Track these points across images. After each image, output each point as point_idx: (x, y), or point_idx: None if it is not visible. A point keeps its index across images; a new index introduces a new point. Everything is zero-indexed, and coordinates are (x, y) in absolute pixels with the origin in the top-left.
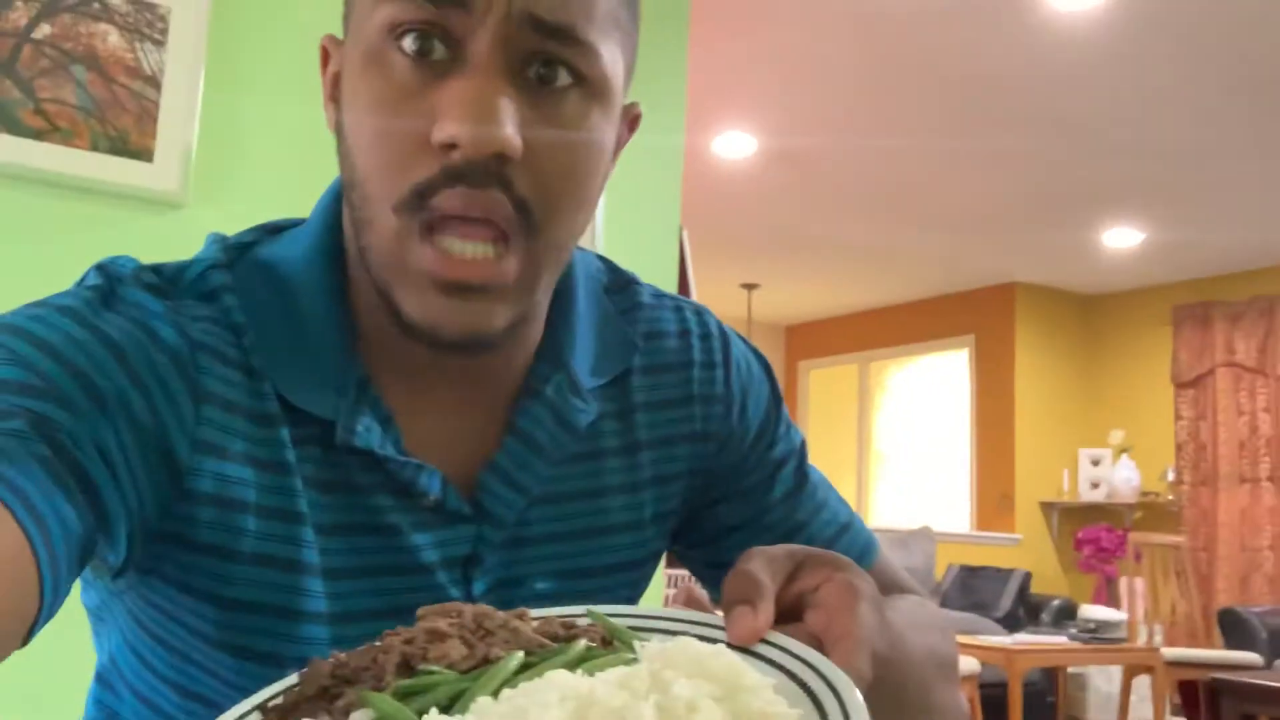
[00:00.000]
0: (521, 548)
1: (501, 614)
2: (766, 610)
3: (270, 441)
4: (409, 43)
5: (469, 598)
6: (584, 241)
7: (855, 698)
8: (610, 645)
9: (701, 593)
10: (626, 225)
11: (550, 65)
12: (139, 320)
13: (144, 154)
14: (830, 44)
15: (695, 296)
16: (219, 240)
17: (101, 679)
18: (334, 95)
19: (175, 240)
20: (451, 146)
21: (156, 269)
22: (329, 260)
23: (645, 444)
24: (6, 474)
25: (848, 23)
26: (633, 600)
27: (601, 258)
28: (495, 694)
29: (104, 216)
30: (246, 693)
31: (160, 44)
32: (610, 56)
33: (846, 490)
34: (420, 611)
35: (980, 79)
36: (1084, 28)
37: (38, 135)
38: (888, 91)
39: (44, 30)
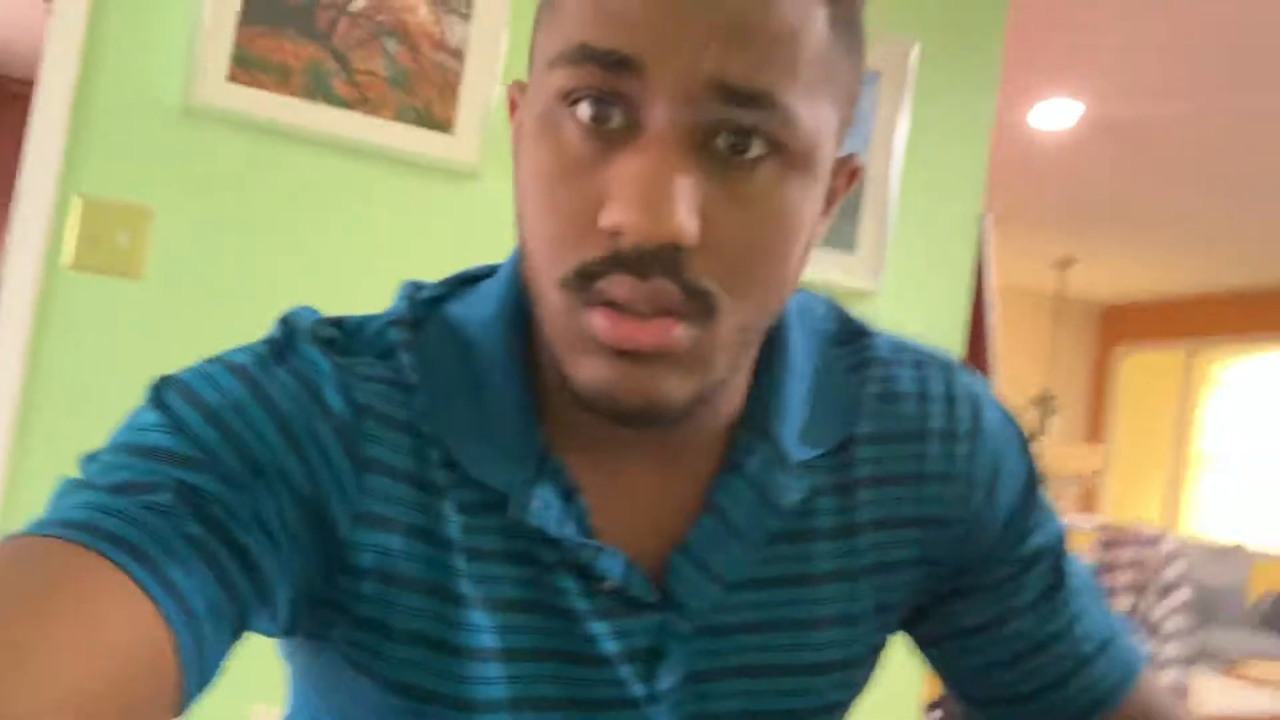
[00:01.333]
0: (715, 639)
1: None
2: None
3: (433, 513)
4: (583, 110)
5: (652, 695)
6: (871, 226)
7: None
8: None
9: None
10: (922, 211)
11: (742, 135)
12: (308, 381)
13: (445, 125)
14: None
15: (996, 288)
16: (410, 291)
17: None
18: (518, 147)
19: (472, 209)
20: (618, 232)
21: (338, 322)
22: (513, 324)
23: (867, 525)
24: (149, 552)
25: None
26: (844, 705)
27: (831, 303)
28: None
29: (406, 185)
30: None
31: (466, 17)
32: (816, 118)
33: (1156, 496)
34: None
35: None
36: None
37: (349, 105)
38: (1231, 53)
39: (358, 3)
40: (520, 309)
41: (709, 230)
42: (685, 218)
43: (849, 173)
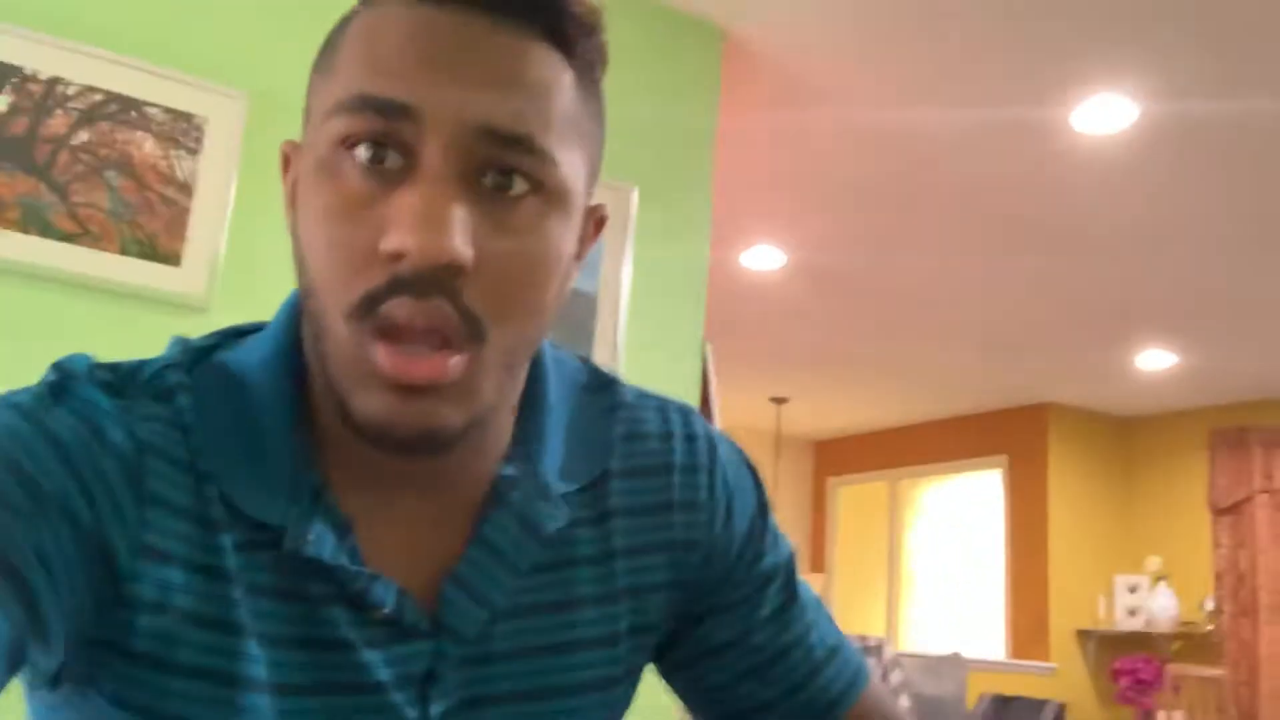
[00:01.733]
0: (485, 665)
1: None
2: None
3: (211, 547)
4: (361, 152)
5: (426, 719)
6: (604, 352)
7: None
8: None
9: None
10: (649, 339)
11: (506, 173)
12: (88, 418)
13: (172, 258)
14: (857, 163)
15: (719, 410)
16: (180, 342)
17: None
18: (293, 202)
19: None
20: (399, 256)
21: (113, 366)
22: (287, 367)
23: (621, 552)
24: None
25: (875, 142)
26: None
27: (583, 358)
28: None
29: (130, 318)
30: None
31: (194, 152)
32: (569, 163)
33: (876, 611)
34: None
35: (1009, 200)
36: (1111, 151)
37: (69, 238)
38: (915, 210)
39: (81, 137)
40: (295, 352)
41: (479, 258)
42: (461, 241)
43: (596, 220)
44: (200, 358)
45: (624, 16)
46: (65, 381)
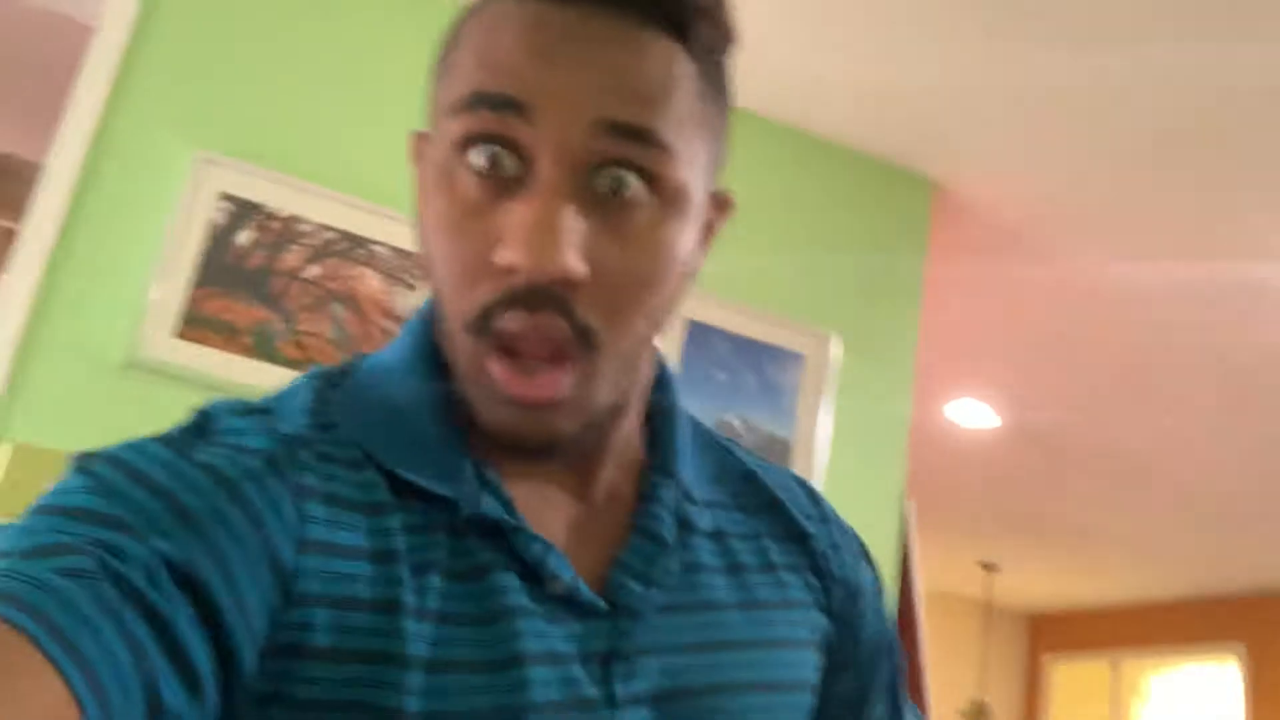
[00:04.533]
0: (673, 655)
1: None
2: None
3: (380, 530)
4: (475, 157)
5: (610, 699)
6: None
7: None
8: None
9: None
10: (846, 492)
11: (621, 174)
12: (231, 442)
13: None
14: (1076, 322)
15: (919, 571)
16: (315, 370)
17: None
18: (422, 201)
19: None
20: (511, 271)
21: (253, 399)
22: (431, 359)
23: (782, 567)
24: (58, 620)
25: (1095, 301)
26: None
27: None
28: None
29: None
30: None
31: (413, 289)
32: (690, 153)
33: None
34: None
35: (1240, 362)
36: None
37: (293, 364)
38: (1139, 370)
39: (313, 271)
40: (431, 346)
41: (593, 267)
42: (573, 255)
43: (721, 205)
44: (339, 368)
45: (835, 164)
46: (205, 420)
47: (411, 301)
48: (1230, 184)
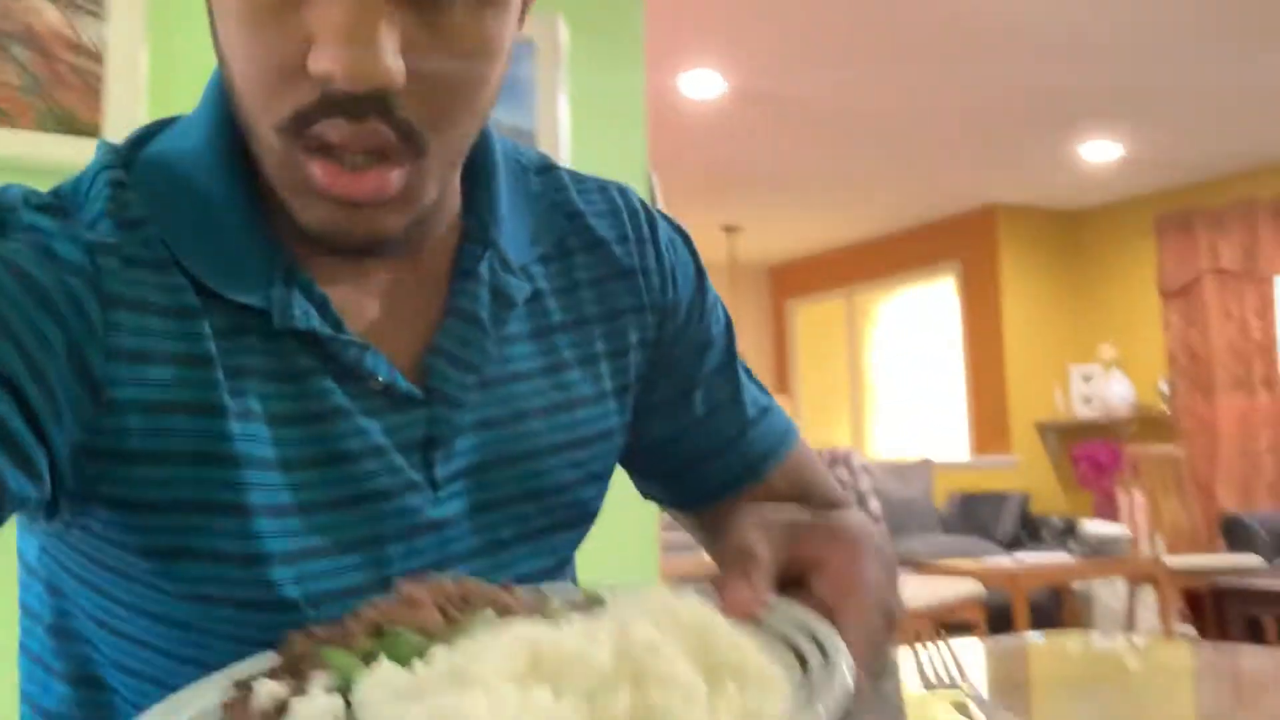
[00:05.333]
0: (485, 430)
1: (487, 586)
2: (762, 582)
3: (188, 335)
4: None
5: (432, 482)
6: None
7: (838, 644)
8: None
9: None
10: (590, 166)
11: None
12: (36, 243)
13: (92, 130)
14: None
15: None
16: (106, 145)
17: (58, 630)
18: None
19: None
20: (328, 79)
21: (51, 191)
22: (228, 148)
23: (594, 318)
24: None
25: None
26: (603, 478)
27: (515, 143)
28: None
29: None
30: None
31: (97, 15)
32: None
33: (842, 425)
34: (400, 584)
35: (945, 2)
36: None
37: None
38: (852, 21)
39: None
40: (233, 135)
41: (413, 70)
42: (392, 61)
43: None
44: (133, 153)
45: None
46: (3, 215)
47: (100, 32)
48: None
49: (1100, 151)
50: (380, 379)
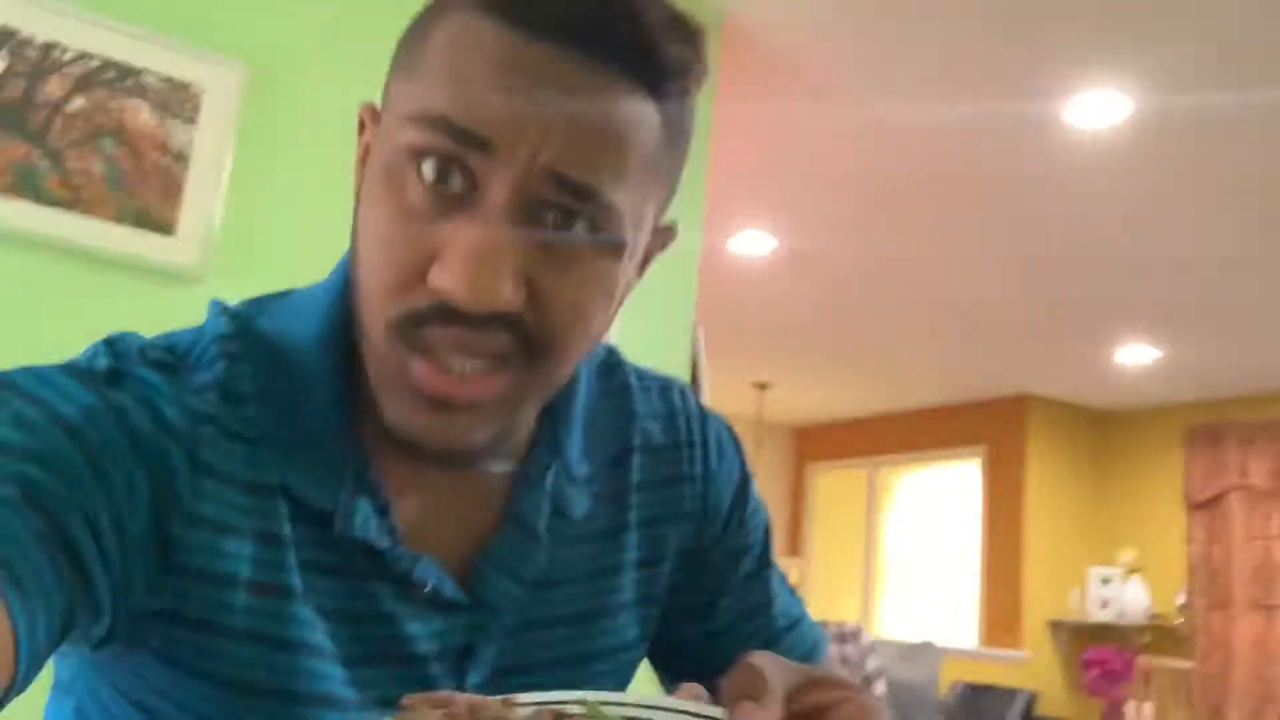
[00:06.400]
0: (521, 635)
1: (493, 700)
2: (775, 710)
3: (267, 513)
4: (428, 169)
5: (461, 690)
6: None
7: None
8: None
9: (701, 688)
10: (640, 320)
11: (569, 216)
12: (146, 399)
13: (166, 228)
14: (850, 152)
15: (707, 393)
16: (222, 308)
17: None
18: (362, 166)
19: (195, 314)
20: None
21: (166, 345)
22: (337, 335)
23: (636, 524)
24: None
25: (868, 133)
26: (624, 685)
27: None
28: None
29: (123, 287)
30: None
31: (191, 122)
32: (635, 208)
33: (851, 598)
34: (406, 699)
35: (998, 191)
36: (1104, 145)
37: (62, 205)
38: (905, 199)
39: (77, 103)
40: (344, 325)
41: (535, 292)
42: (511, 291)
43: (665, 236)
44: (248, 325)
45: None
46: (120, 365)
47: (185, 136)
48: (992, 29)
49: (1136, 355)
50: (429, 586)
